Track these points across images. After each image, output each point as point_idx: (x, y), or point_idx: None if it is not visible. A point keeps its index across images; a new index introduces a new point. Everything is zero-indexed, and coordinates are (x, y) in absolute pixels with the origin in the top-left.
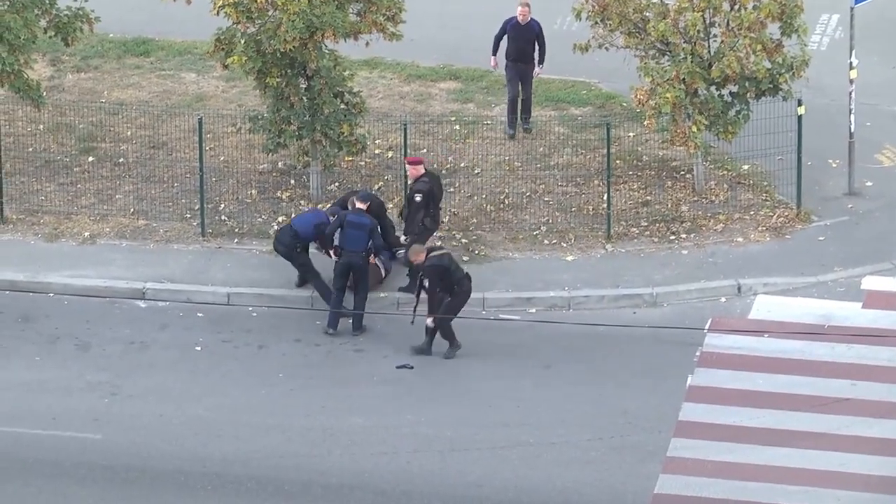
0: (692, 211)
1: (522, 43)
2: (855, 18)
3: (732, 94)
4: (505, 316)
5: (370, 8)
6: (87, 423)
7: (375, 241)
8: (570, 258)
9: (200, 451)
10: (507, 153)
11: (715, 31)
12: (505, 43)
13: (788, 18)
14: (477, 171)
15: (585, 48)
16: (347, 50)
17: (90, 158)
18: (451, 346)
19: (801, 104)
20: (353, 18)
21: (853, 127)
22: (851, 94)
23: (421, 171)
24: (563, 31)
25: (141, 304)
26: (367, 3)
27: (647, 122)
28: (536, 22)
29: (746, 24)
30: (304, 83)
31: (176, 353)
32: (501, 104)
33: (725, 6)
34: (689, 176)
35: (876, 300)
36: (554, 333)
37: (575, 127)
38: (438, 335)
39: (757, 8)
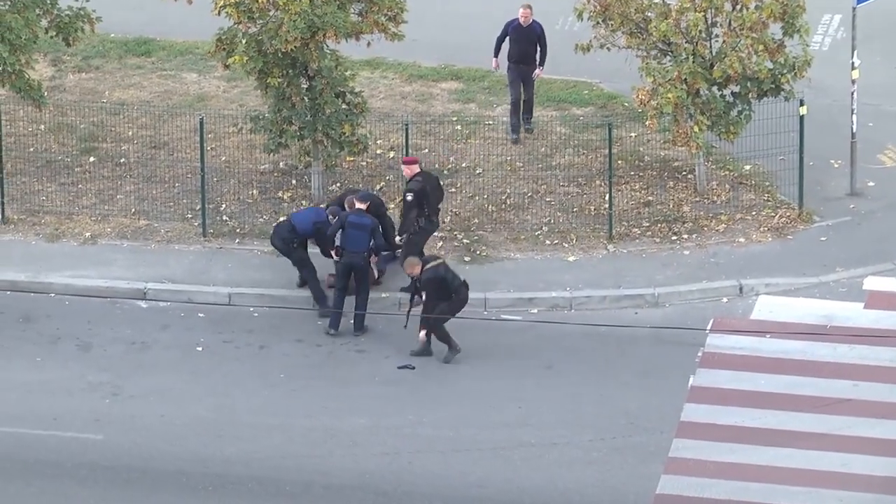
0: (694, 211)
1: (524, 45)
2: (857, 18)
3: (734, 94)
4: (507, 316)
5: (371, 8)
6: (88, 423)
7: (377, 240)
8: (571, 258)
9: (202, 451)
10: (508, 153)
11: (717, 31)
12: (507, 45)
13: (790, 18)
14: (478, 171)
15: (587, 48)
16: (349, 50)
17: (91, 158)
18: (449, 349)
19: (802, 104)
20: (354, 18)
21: (855, 127)
22: (853, 94)
23: (415, 170)
24: (564, 31)
25: (142, 304)
26: (368, 3)
27: (648, 122)
28: (538, 24)
29: (748, 24)
30: (305, 83)
31: (177, 353)
32: (503, 104)
33: (727, 6)
34: (690, 176)
35: (878, 301)
36: (556, 334)
37: (577, 127)
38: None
39: (759, 8)
